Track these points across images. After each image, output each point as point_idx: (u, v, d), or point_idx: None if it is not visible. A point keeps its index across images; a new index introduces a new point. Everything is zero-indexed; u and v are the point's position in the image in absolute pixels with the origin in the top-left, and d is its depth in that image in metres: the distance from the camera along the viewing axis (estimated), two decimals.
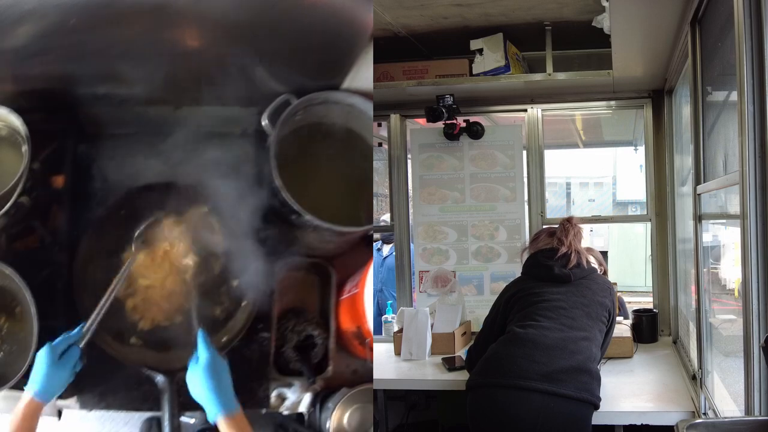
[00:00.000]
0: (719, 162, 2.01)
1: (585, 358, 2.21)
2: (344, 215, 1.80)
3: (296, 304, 1.99)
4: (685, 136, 2.85)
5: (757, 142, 1.43)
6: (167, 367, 1.74)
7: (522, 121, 3.52)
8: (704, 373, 2.25)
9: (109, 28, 1.63)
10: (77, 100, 1.83)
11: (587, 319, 2.32)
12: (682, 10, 2.18)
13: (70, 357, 1.58)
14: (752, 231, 1.44)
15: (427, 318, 3.09)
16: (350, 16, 1.66)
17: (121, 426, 1.84)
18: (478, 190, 3.50)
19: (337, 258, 1.96)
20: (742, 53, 1.46)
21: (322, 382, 1.89)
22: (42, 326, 1.68)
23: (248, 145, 1.94)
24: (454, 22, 2.95)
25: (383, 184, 4.28)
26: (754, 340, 1.45)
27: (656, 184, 3.37)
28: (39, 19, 1.57)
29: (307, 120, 1.88)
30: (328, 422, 1.79)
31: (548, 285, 2.43)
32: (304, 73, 1.81)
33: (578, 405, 2.13)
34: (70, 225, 1.81)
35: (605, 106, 3.57)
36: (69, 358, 1.58)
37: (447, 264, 3.51)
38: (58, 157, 1.83)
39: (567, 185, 12.48)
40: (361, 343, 1.87)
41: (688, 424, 1.30)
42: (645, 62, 2.86)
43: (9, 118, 1.75)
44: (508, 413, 2.13)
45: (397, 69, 3.20)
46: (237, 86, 1.86)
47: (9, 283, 1.75)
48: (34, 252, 1.80)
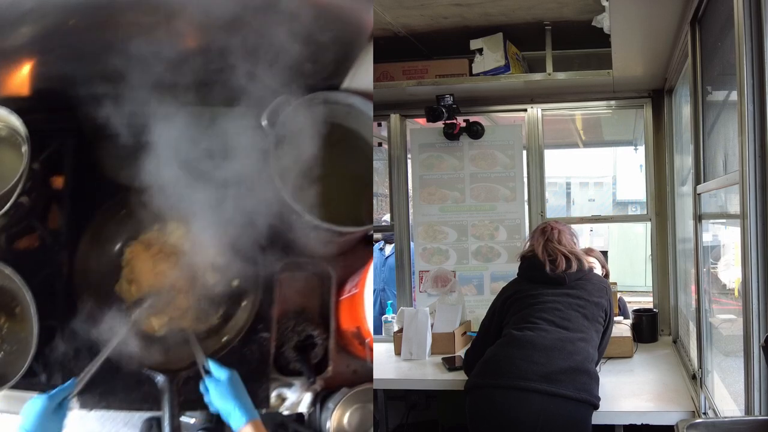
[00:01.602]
0: (719, 162, 2.01)
1: (583, 358, 2.21)
2: (344, 215, 1.80)
3: (296, 304, 1.98)
4: (685, 136, 2.85)
5: (757, 142, 1.43)
6: (167, 367, 1.74)
7: (522, 121, 3.52)
8: (704, 372, 2.25)
9: (109, 28, 1.63)
10: (77, 100, 1.83)
11: (584, 320, 2.32)
12: (682, 9, 2.18)
13: (63, 407, 1.59)
14: (752, 231, 1.44)
15: (427, 318, 3.09)
16: (350, 15, 1.66)
17: (121, 426, 1.84)
18: (478, 190, 3.50)
19: (337, 258, 1.96)
20: (742, 53, 1.46)
21: (322, 382, 1.89)
22: (42, 326, 1.68)
23: (248, 145, 1.94)
24: (454, 21, 2.95)
25: (383, 184, 4.28)
26: (754, 340, 1.45)
27: (656, 184, 3.37)
28: (39, 19, 1.57)
29: (307, 120, 1.88)
30: (328, 422, 1.80)
31: (544, 287, 2.42)
32: (304, 73, 1.81)
33: (578, 405, 2.13)
34: (70, 225, 1.81)
35: (605, 106, 3.57)
36: (63, 408, 1.59)
37: (447, 264, 3.51)
38: (58, 157, 1.83)
39: (567, 185, 12.49)
40: (361, 343, 1.87)
41: (688, 424, 1.30)
42: (645, 62, 2.86)
43: (9, 118, 1.75)
44: (508, 415, 2.13)
45: (397, 69, 3.20)
46: (237, 86, 1.86)
47: (9, 283, 1.75)
48: (34, 252, 1.80)
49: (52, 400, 1.56)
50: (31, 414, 1.54)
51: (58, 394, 1.58)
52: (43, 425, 1.54)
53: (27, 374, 1.68)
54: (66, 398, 1.60)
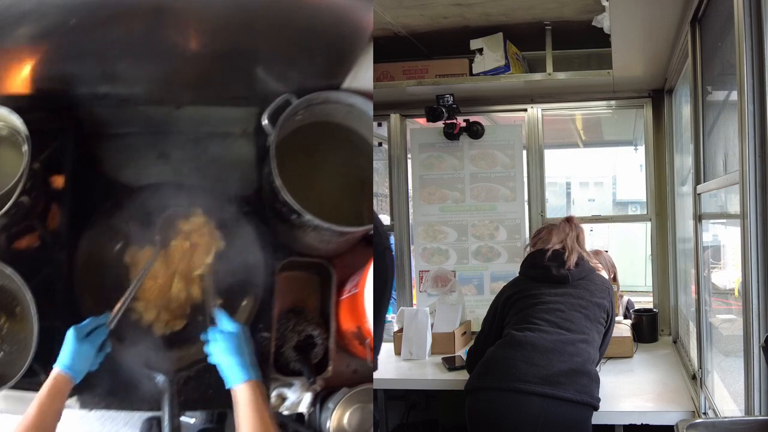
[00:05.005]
0: (719, 162, 2.01)
1: (584, 360, 2.20)
2: (344, 215, 1.80)
3: (296, 304, 1.99)
4: (685, 136, 2.85)
5: (757, 142, 1.43)
6: (167, 367, 1.74)
7: (522, 121, 3.52)
8: (704, 372, 2.25)
9: (109, 28, 1.63)
10: (77, 100, 1.83)
11: (585, 321, 2.32)
12: (682, 9, 2.18)
13: (97, 336, 1.62)
14: (752, 231, 1.44)
15: (427, 318, 3.09)
16: (350, 15, 1.66)
17: (121, 426, 1.85)
18: (478, 189, 3.50)
19: (337, 258, 1.96)
20: (742, 53, 1.46)
21: (322, 382, 1.89)
22: (42, 326, 1.68)
23: (248, 145, 1.94)
24: (454, 21, 2.95)
25: (383, 184, 4.28)
26: (754, 340, 1.45)
27: (656, 184, 3.37)
28: (39, 19, 1.57)
29: (307, 120, 1.88)
30: (328, 422, 1.80)
31: (546, 286, 2.42)
32: (304, 73, 1.81)
33: (578, 408, 2.12)
34: (70, 225, 1.81)
35: (605, 106, 3.57)
36: (96, 337, 1.62)
37: (447, 264, 3.51)
38: (58, 157, 1.83)
39: (567, 185, 12.47)
40: (361, 343, 1.87)
41: (688, 424, 1.30)
42: (645, 62, 2.86)
43: (9, 118, 1.75)
44: (508, 418, 2.12)
45: (397, 69, 3.20)
46: (237, 86, 1.86)
47: (9, 283, 1.76)
48: (34, 252, 1.80)
49: (81, 329, 1.60)
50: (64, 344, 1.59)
51: (89, 324, 1.62)
52: (77, 351, 1.57)
53: (27, 374, 1.68)
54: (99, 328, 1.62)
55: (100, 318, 1.64)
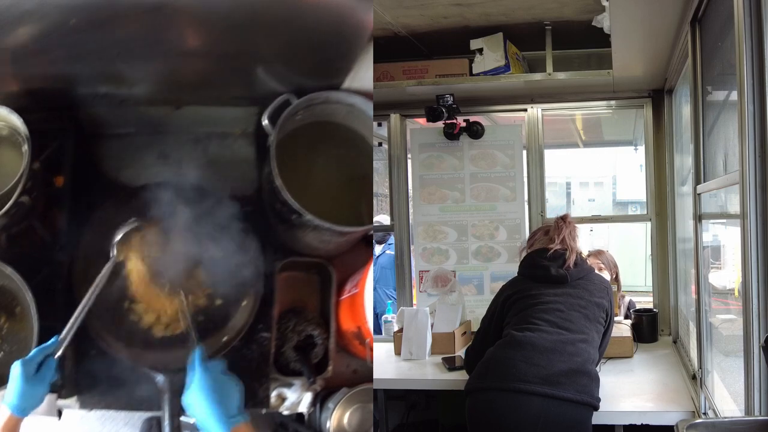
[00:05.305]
0: (719, 162, 2.01)
1: (584, 360, 2.20)
2: (344, 215, 1.80)
3: (296, 304, 1.99)
4: (685, 136, 2.85)
5: (757, 142, 1.43)
6: (167, 367, 1.74)
7: (522, 121, 3.52)
8: (704, 372, 2.25)
9: (109, 28, 1.62)
10: (77, 100, 1.83)
11: (585, 321, 2.32)
12: (682, 9, 2.18)
13: (46, 370, 1.52)
14: (752, 231, 1.44)
15: (427, 318, 3.09)
16: (350, 15, 1.66)
17: (121, 426, 1.85)
18: (478, 189, 3.50)
19: (337, 258, 1.96)
20: (742, 53, 1.46)
21: (322, 382, 1.89)
22: (42, 326, 1.68)
23: (248, 145, 1.94)
24: (454, 21, 2.95)
25: (383, 184, 4.28)
26: (754, 340, 1.45)
27: (656, 184, 3.37)
28: (39, 19, 1.57)
29: (307, 120, 1.88)
30: (328, 422, 1.80)
31: (545, 286, 2.42)
32: (304, 73, 1.81)
33: (578, 408, 2.12)
34: (70, 225, 1.81)
35: (605, 106, 3.57)
36: (45, 371, 1.52)
37: (447, 264, 3.51)
38: (58, 157, 1.83)
39: (567, 185, 12.48)
40: (361, 343, 1.87)
41: (688, 424, 1.30)
42: (645, 62, 2.86)
43: (9, 118, 1.75)
44: (508, 418, 2.12)
45: (397, 69, 3.20)
46: (237, 86, 1.86)
47: (9, 283, 1.75)
48: (34, 252, 1.80)
49: (29, 364, 1.49)
50: (10, 381, 1.47)
51: (38, 354, 1.51)
52: (25, 391, 1.46)
53: None
54: (47, 359, 1.52)
55: (47, 346, 1.54)
